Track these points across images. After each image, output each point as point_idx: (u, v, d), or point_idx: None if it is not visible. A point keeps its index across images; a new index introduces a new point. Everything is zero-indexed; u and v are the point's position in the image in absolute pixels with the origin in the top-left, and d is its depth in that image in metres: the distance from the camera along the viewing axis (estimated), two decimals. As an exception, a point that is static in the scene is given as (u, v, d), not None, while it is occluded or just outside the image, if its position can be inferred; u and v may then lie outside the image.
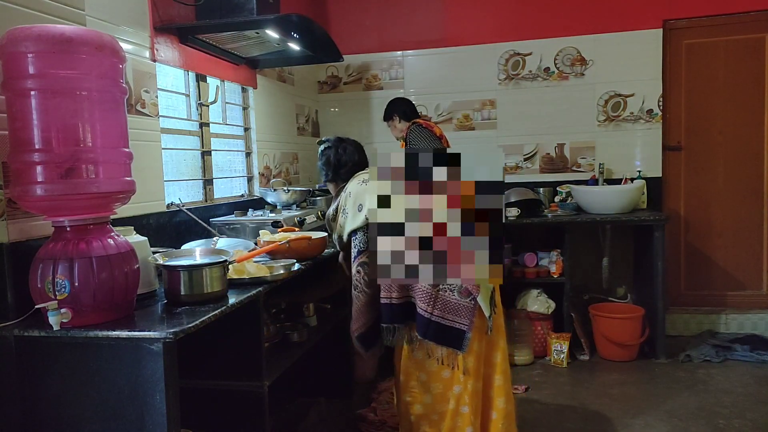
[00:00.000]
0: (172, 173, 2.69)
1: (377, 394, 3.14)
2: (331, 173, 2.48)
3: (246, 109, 3.43)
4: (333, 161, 2.46)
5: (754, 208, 4.01)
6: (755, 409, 2.89)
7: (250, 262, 2.08)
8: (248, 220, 2.77)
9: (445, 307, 2.12)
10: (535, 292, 3.76)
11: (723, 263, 4.07)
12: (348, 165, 2.44)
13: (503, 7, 4.18)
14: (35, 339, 1.55)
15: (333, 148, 2.47)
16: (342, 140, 2.50)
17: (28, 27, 1.51)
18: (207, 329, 1.61)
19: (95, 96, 1.55)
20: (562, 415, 2.91)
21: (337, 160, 2.45)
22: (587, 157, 4.15)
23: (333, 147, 2.48)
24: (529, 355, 3.63)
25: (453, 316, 2.12)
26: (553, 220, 3.70)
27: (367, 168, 2.47)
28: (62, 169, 1.50)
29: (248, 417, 1.99)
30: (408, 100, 3.56)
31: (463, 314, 2.11)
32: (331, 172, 2.47)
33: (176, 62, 2.61)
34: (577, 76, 4.12)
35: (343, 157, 2.45)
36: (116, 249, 1.61)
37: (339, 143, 2.48)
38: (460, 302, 2.12)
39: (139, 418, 1.49)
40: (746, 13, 3.87)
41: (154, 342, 1.46)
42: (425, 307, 2.12)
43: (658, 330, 3.57)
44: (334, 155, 2.46)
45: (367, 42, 4.39)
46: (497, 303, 2.28)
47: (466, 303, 2.12)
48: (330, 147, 2.48)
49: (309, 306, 2.65)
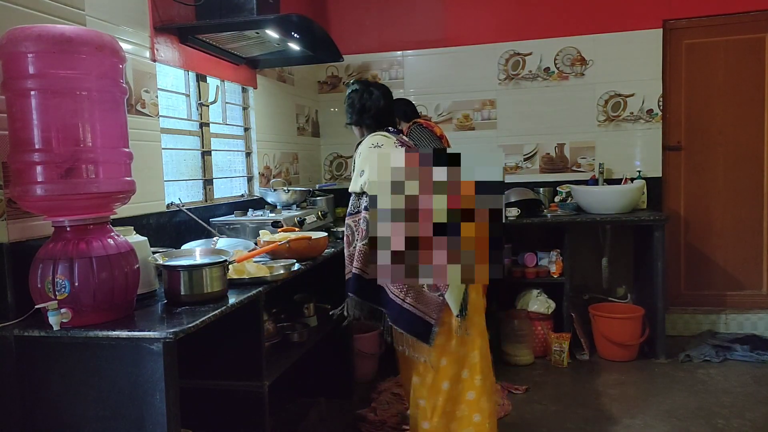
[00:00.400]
0: (172, 173, 2.69)
1: (377, 394, 3.14)
2: (355, 116, 2.45)
3: (246, 109, 3.43)
4: (357, 105, 2.43)
5: (754, 208, 4.01)
6: (755, 409, 2.89)
7: (250, 262, 2.08)
8: (248, 220, 2.77)
9: (418, 297, 2.15)
10: (535, 292, 3.77)
11: (723, 263, 4.08)
12: (372, 111, 2.41)
13: (503, 7, 4.18)
14: (35, 339, 1.55)
15: (359, 92, 2.45)
16: (369, 84, 2.48)
17: (28, 27, 1.51)
18: (207, 329, 1.61)
19: (95, 96, 1.55)
20: (562, 415, 2.91)
21: (362, 105, 2.42)
22: (587, 157, 4.15)
23: (359, 91, 2.45)
24: (529, 355, 3.63)
25: (424, 308, 2.14)
26: (553, 220, 3.70)
27: (392, 118, 2.49)
28: (62, 169, 1.50)
29: (248, 417, 1.99)
30: (408, 101, 3.55)
31: (432, 308, 2.14)
32: (356, 115, 2.44)
33: (176, 62, 2.61)
34: (577, 76, 4.12)
35: (368, 102, 2.42)
36: (116, 249, 1.61)
37: (366, 87, 2.46)
38: (430, 295, 2.14)
39: (139, 418, 1.49)
40: (746, 13, 3.87)
41: (154, 342, 1.46)
42: (398, 293, 2.15)
43: (658, 330, 3.57)
44: (358, 99, 2.43)
45: (367, 42, 4.39)
46: (476, 303, 2.26)
47: (434, 297, 2.14)
48: (356, 90, 2.46)
49: (309, 306, 2.65)
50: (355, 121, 2.46)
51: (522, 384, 3.27)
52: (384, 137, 2.33)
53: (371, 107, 2.42)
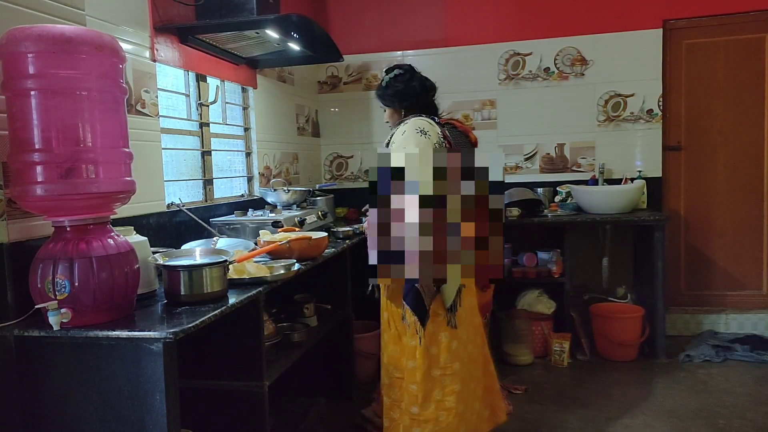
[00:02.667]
0: (172, 173, 2.69)
1: (378, 394, 3.13)
2: (398, 100, 2.39)
3: (246, 109, 3.42)
4: (401, 87, 2.37)
5: (754, 208, 4.00)
6: (755, 409, 2.89)
7: (250, 262, 2.08)
8: (248, 220, 2.77)
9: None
10: (535, 292, 3.76)
11: (723, 263, 4.07)
12: (418, 94, 2.38)
13: (503, 7, 4.18)
14: (35, 339, 1.55)
15: (405, 74, 2.39)
16: (414, 70, 2.43)
17: (28, 27, 1.51)
18: (207, 329, 1.61)
19: (95, 96, 1.55)
20: (563, 415, 2.91)
21: (409, 87, 2.37)
22: (587, 157, 4.15)
23: (406, 74, 2.39)
24: (529, 355, 3.63)
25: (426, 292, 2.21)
26: (553, 220, 3.70)
27: (435, 107, 2.43)
28: (62, 169, 1.50)
29: (248, 417, 1.98)
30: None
31: (427, 294, 2.20)
32: (398, 98, 2.38)
33: (176, 62, 2.61)
34: (577, 76, 4.12)
35: (416, 85, 2.38)
36: (116, 249, 1.61)
37: (412, 70, 2.42)
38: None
39: (139, 418, 1.49)
40: (746, 13, 3.87)
41: (154, 342, 1.46)
42: None
43: (658, 330, 3.57)
44: (405, 82, 2.38)
45: (367, 42, 4.39)
46: (471, 304, 2.32)
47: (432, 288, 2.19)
48: (402, 74, 2.40)
49: (309, 306, 2.65)
50: (398, 103, 2.39)
51: (522, 384, 3.27)
52: (429, 124, 2.27)
53: (419, 90, 2.38)
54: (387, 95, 2.42)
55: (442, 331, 2.21)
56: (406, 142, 2.22)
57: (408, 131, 2.24)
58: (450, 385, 2.20)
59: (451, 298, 2.21)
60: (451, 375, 2.21)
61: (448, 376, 2.21)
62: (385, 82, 2.42)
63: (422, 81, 2.42)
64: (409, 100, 2.38)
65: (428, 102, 2.42)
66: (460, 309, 2.24)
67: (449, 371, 2.21)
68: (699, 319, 4.00)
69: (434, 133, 2.24)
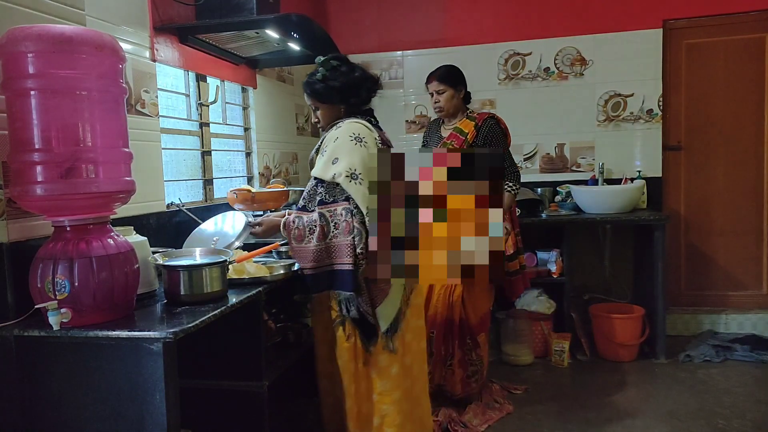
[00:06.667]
0: (172, 173, 2.69)
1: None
2: (336, 95, 2.11)
3: (246, 109, 3.43)
4: (340, 82, 2.09)
5: (754, 208, 4.00)
6: (755, 410, 2.89)
7: (250, 262, 2.08)
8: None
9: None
10: (535, 292, 3.76)
11: (723, 263, 4.07)
12: (358, 91, 2.13)
13: (503, 7, 4.18)
14: (35, 339, 1.55)
15: (342, 67, 2.12)
16: (351, 61, 2.17)
17: (28, 27, 1.51)
18: (207, 329, 1.61)
19: (95, 96, 1.55)
20: (562, 415, 2.91)
21: (347, 82, 2.10)
22: (587, 157, 4.15)
23: (342, 65, 2.12)
24: (529, 355, 3.63)
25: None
26: (553, 220, 3.70)
27: (370, 107, 2.17)
28: (62, 169, 1.50)
29: (248, 417, 1.98)
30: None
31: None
32: (336, 93, 2.10)
33: (176, 62, 2.61)
34: (577, 76, 4.12)
35: (353, 80, 2.11)
36: (116, 249, 1.61)
37: (350, 63, 2.15)
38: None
39: (139, 418, 1.49)
40: (746, 13, 3.87)
41: (154, 342, 1.46)
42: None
43: (658, 330, 3.57)
44: (342, 75, 2.10)
45: (367, 42, 4.39)
46: (416, 328, 2.20)
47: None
48: (339, 65, 2.12)
49: (309, 306, 2.65)
50: (335, 99, 2.10)
51: (522, 384, 3.27)
52: (366, 129, 2.04)
53: (358, 86, 2.09)
54: (324, 90, 2.10)
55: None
56: (338, 152, 1.98)
57: (341, 138, 2.00)
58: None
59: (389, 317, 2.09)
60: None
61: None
62: (321, 75, 2.11)
63: (364, 72, 2.14)
64: (354, 95, 2.11)
65: (370, 99, 2.15)
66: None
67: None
68: (699, 319, 4.00)
69: (371, 140, 2.02)
